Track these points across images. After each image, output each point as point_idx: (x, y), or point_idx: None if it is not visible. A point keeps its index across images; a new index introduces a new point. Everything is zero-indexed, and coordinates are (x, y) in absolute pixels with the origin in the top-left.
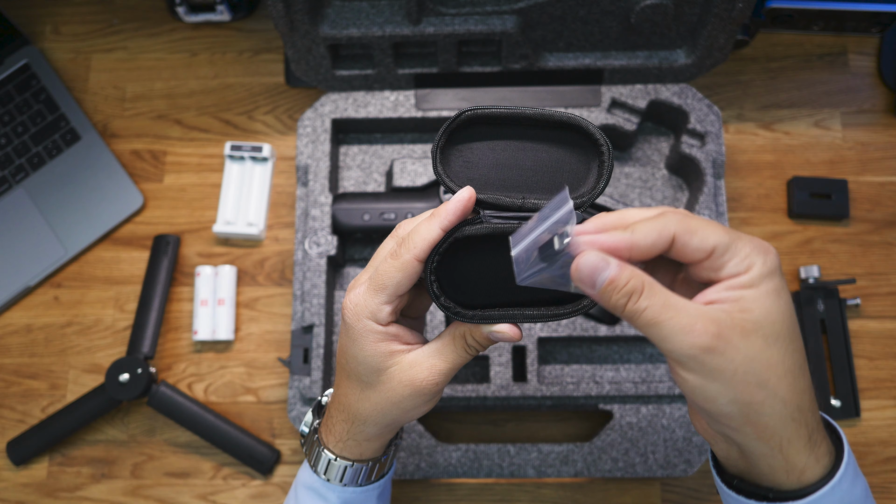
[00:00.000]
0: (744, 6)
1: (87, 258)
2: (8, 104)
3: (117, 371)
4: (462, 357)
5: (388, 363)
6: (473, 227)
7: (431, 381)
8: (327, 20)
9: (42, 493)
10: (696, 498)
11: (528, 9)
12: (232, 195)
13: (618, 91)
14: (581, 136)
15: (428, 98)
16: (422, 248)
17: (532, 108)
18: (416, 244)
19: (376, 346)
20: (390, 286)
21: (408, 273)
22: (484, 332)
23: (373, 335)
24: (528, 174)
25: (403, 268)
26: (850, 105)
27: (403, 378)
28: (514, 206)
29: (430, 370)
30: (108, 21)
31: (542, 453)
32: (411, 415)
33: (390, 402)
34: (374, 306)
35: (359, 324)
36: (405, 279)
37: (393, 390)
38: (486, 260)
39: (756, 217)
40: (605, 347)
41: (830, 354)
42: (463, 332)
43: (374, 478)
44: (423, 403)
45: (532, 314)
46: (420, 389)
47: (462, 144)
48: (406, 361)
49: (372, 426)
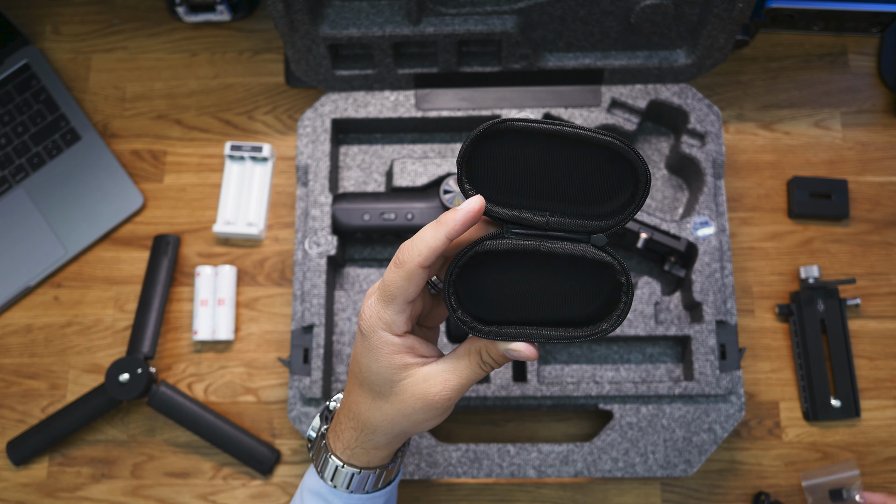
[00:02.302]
0: (744, 6)
1: (87, 258)
2: (8, 104)
3: (117, 371)
4: (476, 373)
5: (401, 375)
6: (496, 241)
7: (444, 395)
8: (327, 20)
9: (42, 493)
10: (696, 498)
11: (528, 9)
12: (232, 195)
13: (618, 91)
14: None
15: (428, 98)
16: (426, 255)
17: (570, 126)
18: (420, 252)
19: (391, 357)
20: (399, 296)
21: (413, 281)
22: (500, 349)
23: (388, 346)
24: (555, 185)
25: (408, 276)
26: (850, 105)
27: (416, 391)
28: (540, 224)
29: (444, 385)
30: (108, 21)
31: (542, 453)
32: (421, 427)
33: (402, 413)
34: (389, 318)
35: (374, 335)
36: (411, 287)
37: (405, 402)
38: (506, 275)
39: (756, 217)
40: (605, 347)
41: (830, 354)
42: (479, 349)
43: (381, 485)
44: (435, 417)
45: (550, 334)
46: (432, 404)
47: (488, 152)
48: (420, 375)
49: (381, 436)
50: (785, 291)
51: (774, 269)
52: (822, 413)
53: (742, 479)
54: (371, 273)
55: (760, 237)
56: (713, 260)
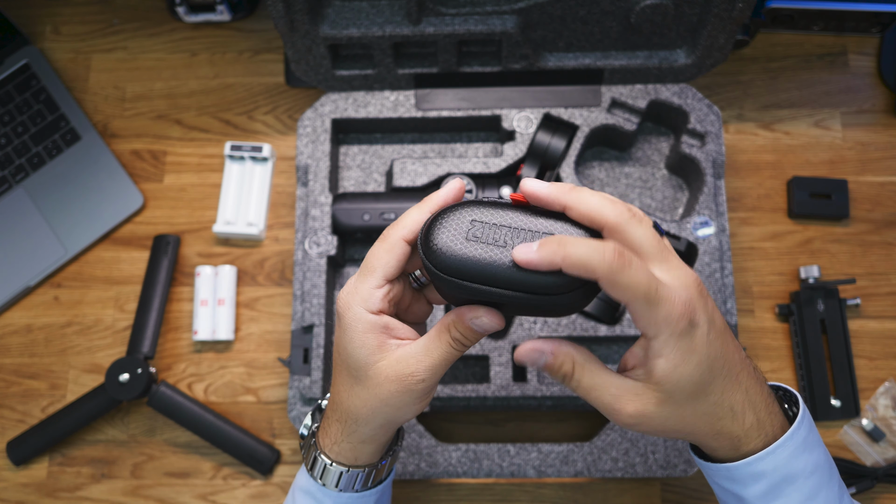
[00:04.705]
0: (744, 6)
1: (87, 258)
2: (8, 104)
3: (117, 371)
4: (448, 352)
5: (376, 357)
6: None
7: (418, 377)
8: (327, 20)
9: (42, 493)
10: (696, 498)
11: (528, 9)
12: (232, 195)
13: (618, 91)
14: None
15: (428, 98)
16: (410, 228)
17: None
18: (404, 225)
19: (365, 336)
20: (379, 267)
21: (395, 254)
22: (465, 321)
23: (362, 324)
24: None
25: (391, 248)
26: (850, 105)
27: (391, 373)
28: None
29: (417, 366)
30: (108, 21)
31: (542, 453)
32: (402, 413)
33: (379, 398)
34: (365, 291)
35: (349, 312)
36: (393, 259)
37: (381, 386)
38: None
39: (756, 217)
40: (605, 347)
41: (830, 354)
42: (447, 325)
43: (371, 484)
44: (414, 402)
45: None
46: (407, 386)
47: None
48: (394, 357)
49: (364, 426)
50: (785, 291)
51: (774, 269)
52: (822, 413)
53: None
54: None
55: (760, 237)
56: (713, 260)
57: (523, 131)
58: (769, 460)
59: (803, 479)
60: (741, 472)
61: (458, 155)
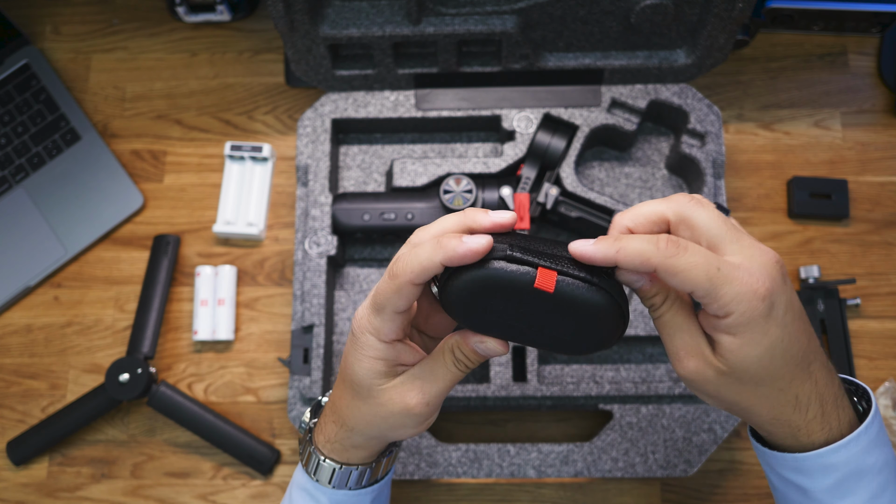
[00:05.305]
0: (744, 6)
1: (87, 258)
2: (8, 104)
3: (117, 371)
4: (452, 373)
5: (381, 381)
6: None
7: (422, 402)
8: (327, 20)
9: (42, 493)
10: (696, 498)
11: (528, 9)
12: (232, 195)
13: (618, 91)
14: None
15: (428, 98)
16: (418, 273)
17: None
18: (412, 269)
19: (373, 362)
20: (387, 307)
21: (403, 296)
22: (471, 344)
23: (372, 350)
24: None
25: (398, 290)
26: (850, 105)
27: (395, 397)
28: (546, 252)
29: (422, 391)
30: (108, 21)
31: (542, 453)
32: (399, 433)
33: (378, 416)
34: (377, 324)
35: (362, 337)
36: (401, 301)
37: (382, 406)
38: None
39: (756, 217)
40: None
41: (830, 354)
42: (451, 346)
43: (366, 483)
44: (415, 424)
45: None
46: (410, 411)
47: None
48: (398, 380)
49: (358, 435)
50: None
51: None
52: None
53: (742, 479)
54: (371, 273)
55: (760, 237)
56: None
57: (523, 131)
58: (842, 453)
59: (872, 475)
60: (811, 463)
61: (458, 155)
